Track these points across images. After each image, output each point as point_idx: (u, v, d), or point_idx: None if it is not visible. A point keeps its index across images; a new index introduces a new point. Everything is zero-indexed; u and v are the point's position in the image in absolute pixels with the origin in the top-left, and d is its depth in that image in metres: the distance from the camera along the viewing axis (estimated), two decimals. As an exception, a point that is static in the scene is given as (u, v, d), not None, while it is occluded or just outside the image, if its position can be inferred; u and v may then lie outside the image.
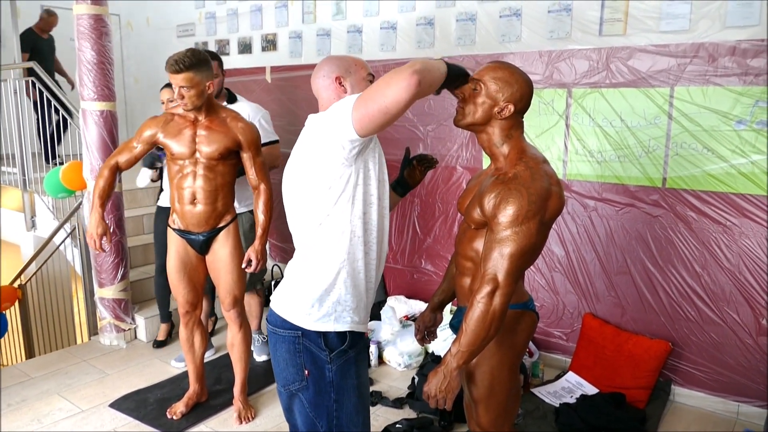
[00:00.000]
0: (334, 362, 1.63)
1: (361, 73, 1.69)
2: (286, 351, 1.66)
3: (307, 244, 1.63)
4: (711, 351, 3.00)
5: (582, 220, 3.32)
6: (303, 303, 1.62)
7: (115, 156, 2.70)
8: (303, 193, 1.61)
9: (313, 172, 1.57)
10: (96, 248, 2.65)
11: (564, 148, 3.32)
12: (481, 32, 3.56)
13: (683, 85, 2.92)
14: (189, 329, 2.87)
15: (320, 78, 1.68)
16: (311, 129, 1.62)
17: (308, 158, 1.58)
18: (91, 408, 3.01)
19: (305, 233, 1.63)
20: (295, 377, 1.66)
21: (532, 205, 1.54)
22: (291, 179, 1.68)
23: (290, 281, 1.68)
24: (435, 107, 3.76)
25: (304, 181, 1.60)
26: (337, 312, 1.62)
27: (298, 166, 1.63)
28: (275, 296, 1.73)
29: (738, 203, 2.85)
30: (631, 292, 3.20)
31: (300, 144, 1.65)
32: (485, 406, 1.77)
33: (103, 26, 3.48)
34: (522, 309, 1.75)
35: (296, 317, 1.63)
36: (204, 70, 2.49)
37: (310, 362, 1.63)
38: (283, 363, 1.68)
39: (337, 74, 1.66)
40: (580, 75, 3.22)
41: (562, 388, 3.16)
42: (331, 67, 1.67)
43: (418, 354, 3.46)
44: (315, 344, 1.63)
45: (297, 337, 1.63)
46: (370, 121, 1.43)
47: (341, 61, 1.69)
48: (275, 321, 1.68)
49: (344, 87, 1.66)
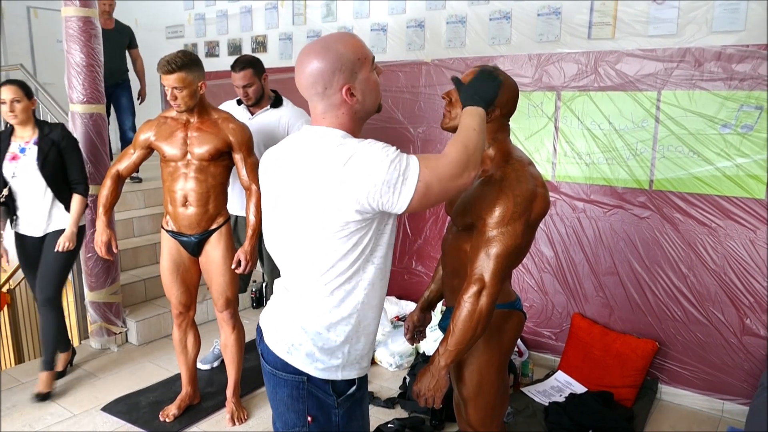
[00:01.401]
0: (341, 406, 1.47)
1: (367, 66, 1.38)
2: (288, 396, 1.47)
3: (312, 283, 1.40)
4: (697, 350, 3.06)
5: (570, 222, 3.36)
6: (307, 352, 1.42)
7: (116, 165, 2.75)
8: (312, 226, 1.36)
9: (329, 212, 1.32)
10: (102, 255, 2.76)
11: (553, 150, 3.36)
12: (471, 35, 3.59)
13: (670, 89, 2.97)
14: (182, 331, 2.88)
15: (317, 88, 1.35)
16: (328, 158, 1.32)
17: (325, 194, 1.31)
18: (83, 412, 3.00)
19: (313, 270, 1.39)
20: (296, 422, 1.48)
21: (518, 206, 1.57)
22: (293, 199, 1.39)
23: (291, 324, 1.45)
24: (425, 109, 3.79)
25: (315, 215, 1.34)
26: (348, 362, 1.45)
27: (306, 192, 1.35)
28: (271, 333, 1.49)
29: (723, 205, 2.91)
30: (619, 293, 3.25)
31: (307, 164, 1.36)
32: (474, 405, 1.80)
33: (92, 28, 3.46)
34: (509, 309, 1.78)
35: (300, 363, 1.43)
36: (196, 70, 2.51)
37: (316, 408, 1.46)
38: (283, 406, 1.50)
39: (344, 83, 1.35)
40: (569, 78, 3.26)
41: (551, 387, 3.20)
42: (332, 73, 1.33)
43: (409, 354, 3.49)
44: (322, 390, 1.44)
45: (302, 382, 1.44)
46: (427, 205, 1.35)
47: (341, 60, 1.33)
48: (275, 363, 1.47)
49: (357, 97, 1.37)
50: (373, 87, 1.40)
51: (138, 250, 4.28)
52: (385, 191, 1.28)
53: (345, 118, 1.38)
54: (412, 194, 1.29)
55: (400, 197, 1.29)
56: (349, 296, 1.40)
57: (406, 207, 1.31)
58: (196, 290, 2.88)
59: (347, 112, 1.38)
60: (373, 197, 1.28)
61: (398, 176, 1.28)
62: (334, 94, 1.35)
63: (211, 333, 3.82)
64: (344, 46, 1.36)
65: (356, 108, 1.38)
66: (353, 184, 1.28)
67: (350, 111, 1.38)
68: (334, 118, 1.38)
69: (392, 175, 1.27)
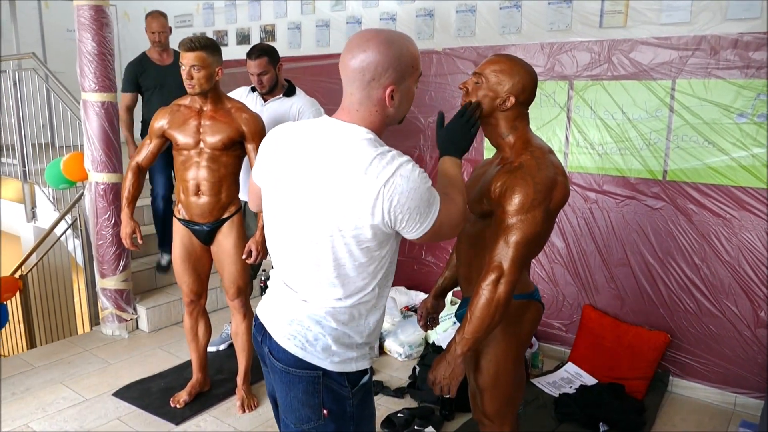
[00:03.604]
0: (355, 396, 1.48)
1: (415, 76, 1.40)
2: (302, 392, 1.45)
3: (328, 289, 1.39)
4: (709, 343, 3.03)
5: (582, 213, 3.34)
6: (323, 346, 1.42)
7: (135, 157, 2.77)
8: (322, 231, 1.34)
9: (347, 218, 1.30)
10: (128, 246, 2.82)
11: (565, 140, 3.33)
12: (481, 24, 3.56)
13: (685, 77, 2.93)
14: (193, 318, 2.90)
15: (364, 78, 1.33)
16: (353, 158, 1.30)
17: (345, 199, 1.29)
18: (95, 397, 3.03)
19: (327, 276, 1.38)
20: (311, 416, 1.47)
21: (538, 194, 1.56)
22: (307, 197, 1.36)
23: (304, 322, 1.43)
24: (436, 98, 3.77)
25: (328, 217, 1.32)
26: (362, 354, 1.48)
27: (323, 192, 1.32)
28: (280, 330, 1.47)
29: (738, 196, 2.87)
30: (630, 284, 3.23)
31: (327, 159, 1.33)
32: (490, 395, 1.80)
33: (104, 17, 3.47)
34: (528, 299, 1.77)
35: (316, 359, 1.42)
36: (216, 54, 2.54)
37: (331, 400, 1.46)
38: (297, 403, 1.48)
39: (391, 82, 1.33)
40: (581, 67, 3.22)
41: (561, 379, 3.19)
42: (386, 69, 1.32)
43: (419, 344, 3.49)
44: (337, 383, 1.45)
45: (317, 377, 1.43)
46: (430, 241, 1.43)
47: (401, 61, 1.33)
48: (287, 360, 1.44)
49: (395, 101, 1.36)
50: (410, 98, 1.42)
51: (148, 238, 4.27)
52: (413, 217, 1.31)
53: (377, 117, 1.37)
54: (430, 227, 1.34)
55: (420, 227, 1.33)
56: (363, 297, 1.41)
57: (419, 237, 1.35)
58: (207, 278, 2.89)
59: (380, 111, 1.37)
60: (402, 219, 1.30)
61: (426, 208, 1.32)
62: (378, 89, 1.34)
63: (222, 321, 3.84)
64: (408, 49, 1.36)
65: (389, 112, 1.38)
66: (389, 201, 1.28)
67: (383, 112, 1.37)
68: (367, 114, 1.36)
69: (424, 204, 1.31)
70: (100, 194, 3.58)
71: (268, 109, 3.15)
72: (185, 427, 2.79)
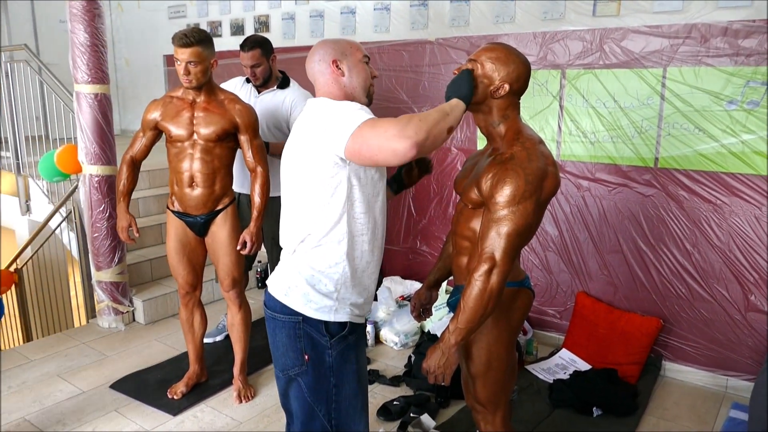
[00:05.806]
0: (334, 348, 1.64)
1: (357, 55, 1.67)
2: (286, 336, 1.65)
3: (304, 234, 1.62)
4: (701, 327, 3.07)
5: (575, 200, 3.36)
6: (303, 292, 1.62)
7: (128, 151, 2.77)
8: (301, 182, 1.61)
9: (310, 164, 1.56)
10: (124, 239, 2.82)
11: (557, 128, 3.34)
12: (475, 13, 3.56)
13: (676, 65, 2.95)
14: (189, 310, 2.91)
15: (315, 62, 1.66)
16: (312, 116, 1.61)
17: (307, 149, 1.58)
18: (92, 389, 3.05)
19: (303, 223, 1.62)
20: (294, 362, 1.66)
21: (529, 185, 1.57)
22: (290, 164, 1.66)
23: (289, 269, 1.67)
24: (429, 88, 3.77)
25: (302, 170, 1.60)
26: (338, 304, 1.64)
27: (298, 152, 1.62)
28: (273, 281, 1.72)
29: (728, 182, 2.90)
30: (623, 271, 3.26)
31: (300, 128, 1.65)
32: (483, 382, 1.82)
33: (96, 8, 3.45)
34: (518, 287, 1.79)
35: (296, 304, 1.63)
36: (211, 47, 2.53)
37: (310, 347, 1.63)
38: (282, 348, 1.68)
39: (333, 57, 1.64)
40: (573, 56, 3.23)
41: (555, 365, 3.22)
42: (327, 51, 1.65)
43: (414, 333, 3.52)
44: (316, 330, 1.63)
45: (297, 322, 1.63)
46: (358, 159, 1.51)
47: (336, 45, 1.67)
48: (274, 306, 1.68)
49: (341, 70, 1.65)
50: (360, 71, 1.67)
51: (144, 230, 4.28)
52: (332, 131, 1.50)
53: (333, 87, 1.66)
54: (348, 136, 1.47)
55: (339, 137, 1.48)
56: (334, 246, 1.60)
57: (344, 147, 1.48)
58: (202, 270, 2.90)
59: (335, 82, 1.65)
60: (331, 139, 1.50)
61: (344, 120, 1.50)
62: (324, 64, 1.65)
63: (218, 312, 3.86)
64: (343, 39, 1.72)
65: (343, 81, 1.65)
66: (326, 133, 1.52)
67: (338, 82, 1.65)
68: (326, 87, 1.66)
69: (341, 119, 1.51)
70: (94, 186, 3.57)
71: (261, 101, 3.15)
72: (183, 417, 2.81)
